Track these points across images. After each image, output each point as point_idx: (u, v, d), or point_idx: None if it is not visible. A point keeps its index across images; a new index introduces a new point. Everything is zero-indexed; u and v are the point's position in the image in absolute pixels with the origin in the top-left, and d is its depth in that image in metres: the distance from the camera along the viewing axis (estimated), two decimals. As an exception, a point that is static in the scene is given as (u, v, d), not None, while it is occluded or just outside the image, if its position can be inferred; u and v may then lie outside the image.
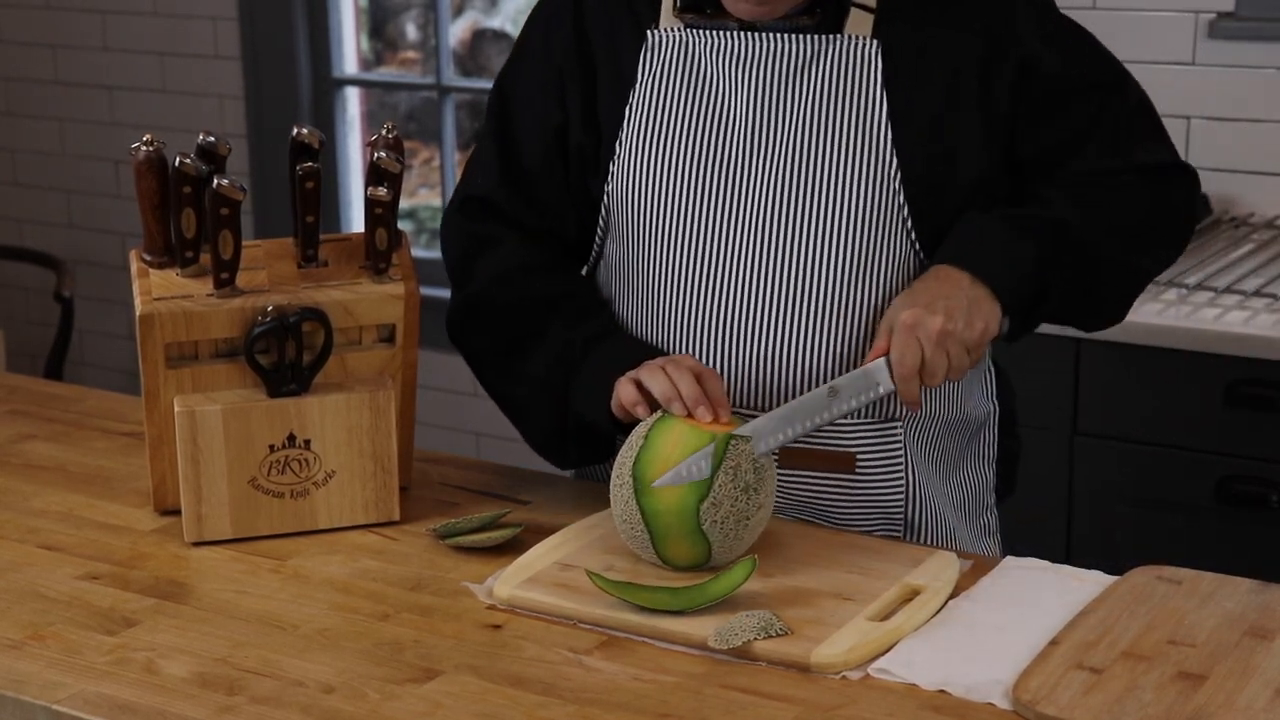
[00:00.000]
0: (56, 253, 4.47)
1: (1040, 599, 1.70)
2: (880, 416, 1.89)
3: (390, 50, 4.58)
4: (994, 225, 1.85)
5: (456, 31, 4.41)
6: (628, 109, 1.92)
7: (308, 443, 1.89)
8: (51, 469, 2.11)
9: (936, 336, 1.76)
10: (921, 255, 1.87)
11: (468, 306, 2.00)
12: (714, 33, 1.89)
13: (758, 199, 1.86)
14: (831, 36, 1.86)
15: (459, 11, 4.42)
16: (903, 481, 1.91)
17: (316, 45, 4.36)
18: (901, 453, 1.90)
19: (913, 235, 1.86)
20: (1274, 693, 1.51)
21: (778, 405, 1.86)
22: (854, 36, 1.86)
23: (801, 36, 1.86)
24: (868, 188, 1.84)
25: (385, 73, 4.55)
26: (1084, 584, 1.73)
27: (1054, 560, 1.86)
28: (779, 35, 1.87)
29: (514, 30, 4.42)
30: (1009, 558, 1.81)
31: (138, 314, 1.85)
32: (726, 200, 1.87)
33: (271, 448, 1.88)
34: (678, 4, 1.91)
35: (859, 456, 1.89)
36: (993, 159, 1.89)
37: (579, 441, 1.95)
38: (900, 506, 1.91)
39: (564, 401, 1.93)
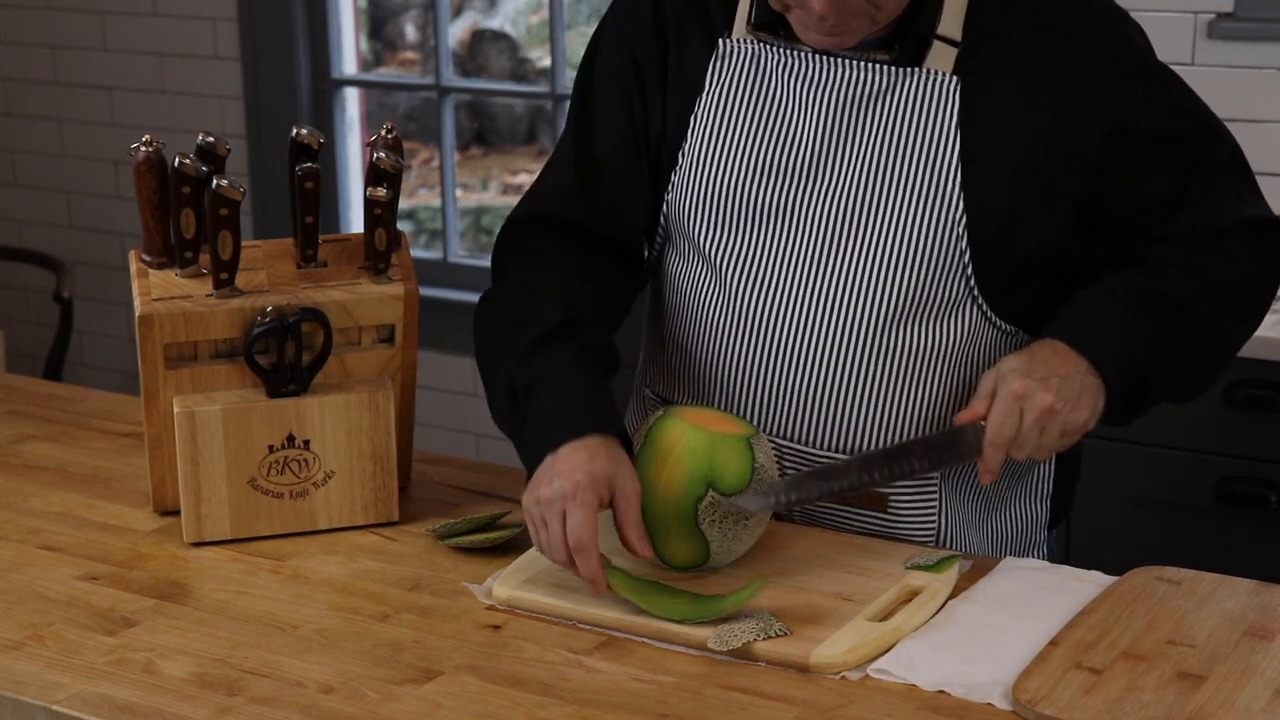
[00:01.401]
0: (56, 253, 4.47)
1: (1040, 599, 1.69)
2: None
3: (390, 51, 4.58)
4: (1118, 312, 1.79)
5: (456, 32, 4.41)
6: (693, 118, 1.88)
7: (307, 443, 1.89)
8: (51, 469, 2.11)
9: (1040, 413, 1.71)
10: (980, 300, 1.81)
11: (479, 303, 1.95)
12: (787, 51, 1.83)
13: (814, 225, 1.82)
14: (910, 69, 1.79)
15: (458, 12, 4.42)
16: (934, 525, 1.87)
17: (316, 45, 4.36)
18: (936, 495, 1.86)
19: (972, 281, 1.80)
20: (1273, 693, 1.51)
21: (815, 435, 1.84)
22: (933, 71, 1.79)
23: (877, 66, 1.80)
24: (928, 227, 1.78)
25: (385, 73, 4.55)
26: (1084, 584, 1.73)
27: (1054, 560, 1.86)
28: (854, 62, 1.81)
29: (513, 31, 4.42)
30: (1009, 558, 1.81)
31: (137, 314, 1.85)
32: (783, 223, 1.83)
33: (271, 448, 1.88)
34: (751, 20, 1.85)
35: (892, 498, 1.86)
36: (1066, 217, 1.81)
37: None
38: (930, 546, 1.88)
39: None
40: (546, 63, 4.26)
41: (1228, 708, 1.48)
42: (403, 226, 1.97)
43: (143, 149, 1.90)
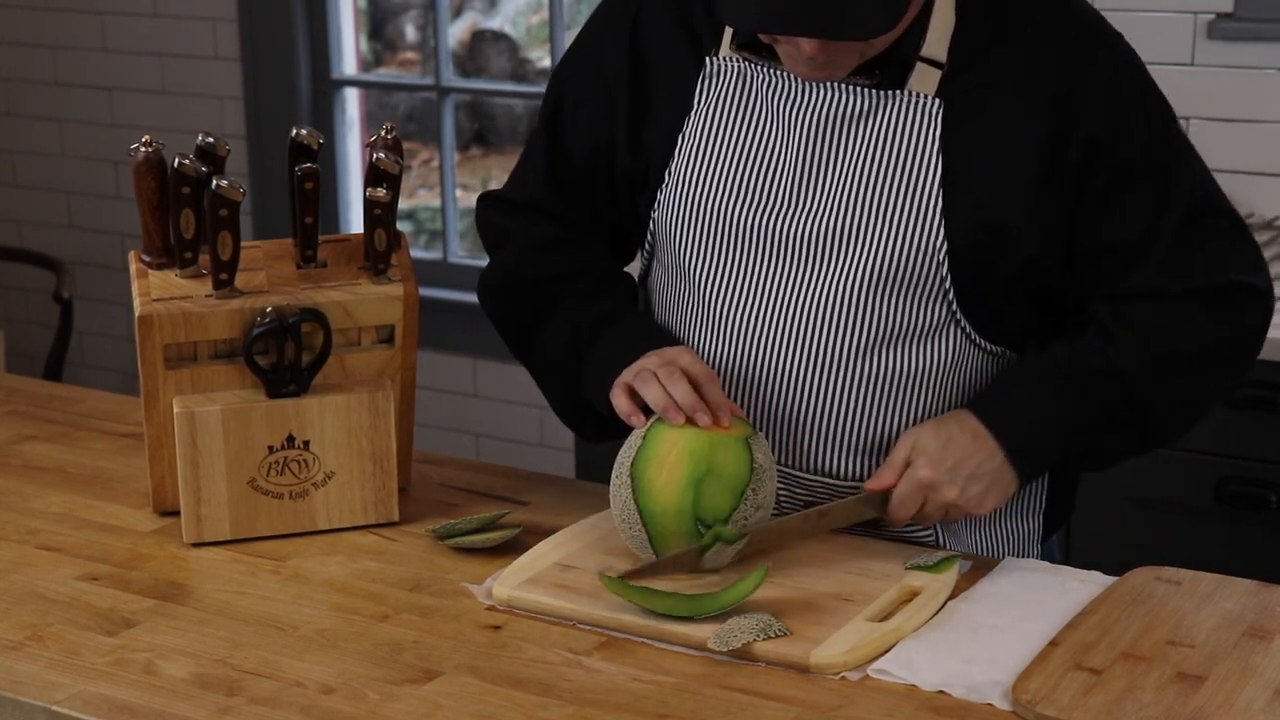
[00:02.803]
0: (56, 254, 4.46)
1: (1040, 599, 1.69)
2: None
3: (390, 51, 4.58)
4: (1054, 397, 1.79)
5: (456, 32, 4.41)
6: (680, 137, 1.88)
7: (307, 443, 1.89)
8: (51, 470, 2.11)
9: (943, 505, 1.77)
10: (962, 322, 1.80)
11: (494, 276, 2.01)
12: (771, 70, 1.82)
13: (795, 247, 1.81)
14: (893, 92, 1.78)
15: (458, 12, 4.42)
16: (932, 537, 1.87)
17: (316, 46, 4.36)
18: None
19: (954, 305, 1.79)
20: (1273, 693, 1.51)
21: (799, 457, 1.85)
22: (916, 93, 1.78)
23: (860, 88, 1.79)
24: (908, 250, 1.77)
25: (384, 73, 4.55)
26: (1084, 584, 1.73)
27: (1054, 560, 1.86)
28: (837, 84, 1.79)
29: (513, 31, 4.42)
30: (1009, 558, 1.81)
31: (137, 315, 1.85)
32: (764, 245, 1.82)
33: (271, 449, 1.88)
34: (734, 41, 1.84)
35: (884, 522, 1.85)
36: (1049, 240, 1.79)
37: (597, 420, 1.95)
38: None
39: (578, 381, 1.93)
40: (546, 63, 4.26)
41: (1228, 708, 1.48)
42: (402, 227, 1.97)
43: (142, 149, 1.90)
